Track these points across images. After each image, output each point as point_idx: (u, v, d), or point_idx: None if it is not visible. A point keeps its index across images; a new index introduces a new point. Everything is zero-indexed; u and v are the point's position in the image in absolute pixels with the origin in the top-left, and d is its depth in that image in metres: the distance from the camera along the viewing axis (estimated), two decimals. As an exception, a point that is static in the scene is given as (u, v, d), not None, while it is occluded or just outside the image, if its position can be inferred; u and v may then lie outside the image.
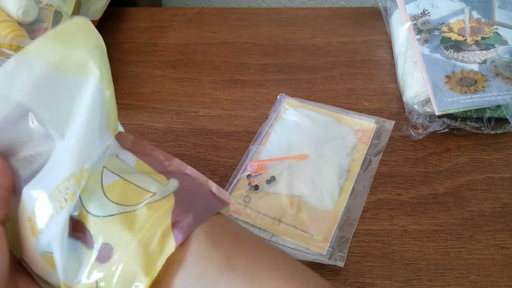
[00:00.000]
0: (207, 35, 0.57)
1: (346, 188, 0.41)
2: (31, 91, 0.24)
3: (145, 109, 0.50)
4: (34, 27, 0.46)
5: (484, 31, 0.47)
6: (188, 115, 0.49)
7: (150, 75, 0.53)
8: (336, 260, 0.37)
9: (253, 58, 0.54)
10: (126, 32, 0.58)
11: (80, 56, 0.25)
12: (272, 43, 0.56)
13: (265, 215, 0.40)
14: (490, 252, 0.38)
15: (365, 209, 0.41)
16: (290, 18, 0.59)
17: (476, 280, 0.36)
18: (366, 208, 0.41)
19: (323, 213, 0.40)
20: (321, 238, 0.38)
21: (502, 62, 0.44)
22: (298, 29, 0.57)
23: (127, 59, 0.55)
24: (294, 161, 0.42)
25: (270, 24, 0.58)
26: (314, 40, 0.48)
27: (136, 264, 0.23)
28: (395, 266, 0.38)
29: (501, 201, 0.41)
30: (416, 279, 0.37)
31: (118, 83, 0.52)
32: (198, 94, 0.51)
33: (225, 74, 0.53)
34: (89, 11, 0.55)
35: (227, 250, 0.24)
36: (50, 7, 0.47)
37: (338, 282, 0.37)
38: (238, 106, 0.50)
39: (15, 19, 0.44)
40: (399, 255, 0.38)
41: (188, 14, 0.60)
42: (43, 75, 0.25)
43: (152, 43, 0.57)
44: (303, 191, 0.41)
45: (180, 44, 0.57)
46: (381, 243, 0.39)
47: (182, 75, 0.53)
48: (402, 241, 0.39)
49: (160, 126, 0.48)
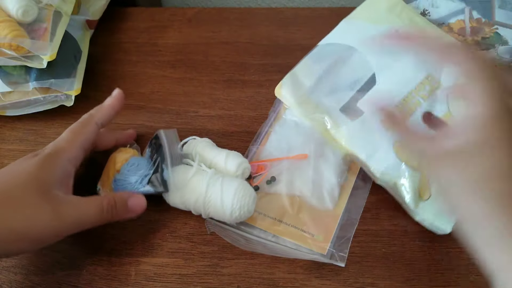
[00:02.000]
0: (207, 35, 0.57)
1: (347, 187, 0.41)
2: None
3: (145, 109, 0.50)
4: (34, 27, 0.46)
5: (484, 31, 0.47)
6: (188, 115, 0.49)
7: (150, 75, 0.53)
8: (337, 260, 0.37)
9: (253, 58, 0.54)
10: (126, 32, 0.58)
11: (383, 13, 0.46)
12: (272, 43, 0.56)
13: (265, 215, 0.40)
14: (490, 252, 0.38)
15: (365, 209, 0.41)
16: (290, 18, 0.59)
17: (476, 280, 0.36)
18: (367, 208, 0.41)
19: (323, 213, 0.40)
20: (322, 238, 0.38)
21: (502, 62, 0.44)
22: (298, 29, 0.57)
23: (127, 59, 0.55)
24: (294, 161, 0.42)
25: (270, 24, 0.58)
26: (314, 40, 0.48)
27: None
28: (396, 266, 0.38)
29: (501, 201, 0.40)
30: (416, 279, 0.37)
31: (118, 83, 0.52)
32: (198, 94, 0.51)
33: (225, 74, 0.53)
34: (89, 11, 0.55)
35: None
36: (50, 7, 0.47)
37: (338, 282, 0.37)
38: (238, 106, 0.50)
39: (15, 19, 0.44)
40: (399, 255, 0.38)
41: (188, 14, 0.60)
42: (363, 27, 0.45)
43: (152, 43, 0.57)
44: (303, 191, 0.41)
45: (180, 44, 0.56)
46: (382, 243, 0.39)
47: (182, 75, 0.53)
48: (403, 241, 0.39)
49: (160, 126, 0.48)
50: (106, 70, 0.54)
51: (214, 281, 0.37)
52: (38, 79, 0.46)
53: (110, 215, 0.35)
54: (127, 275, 0.38)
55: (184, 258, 0.39)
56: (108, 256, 0.39)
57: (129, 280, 0.38)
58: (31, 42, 0.44)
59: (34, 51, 0.44)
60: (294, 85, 0.44)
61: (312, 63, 0.45)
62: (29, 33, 0.45)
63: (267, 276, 0.38)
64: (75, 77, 0.49)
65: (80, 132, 0.38)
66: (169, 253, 0.39)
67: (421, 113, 0.40)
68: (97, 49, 0.56)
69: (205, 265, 0.38)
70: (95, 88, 0.51)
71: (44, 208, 0.32)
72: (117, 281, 0.38)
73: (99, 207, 0.35)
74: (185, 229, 0.40)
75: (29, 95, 0.47)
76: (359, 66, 0.43)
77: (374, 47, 0.42)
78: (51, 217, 0.32)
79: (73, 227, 0.34)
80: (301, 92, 0.44)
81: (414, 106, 0.40)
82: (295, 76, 0.45)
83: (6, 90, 0.46)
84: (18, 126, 0.49)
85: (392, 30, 0.30)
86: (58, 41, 0.47)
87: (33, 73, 0.46)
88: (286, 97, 0.44)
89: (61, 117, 0.49)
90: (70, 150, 0.36)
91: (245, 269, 0.38)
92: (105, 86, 0.52)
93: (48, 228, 0.32)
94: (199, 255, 0.39)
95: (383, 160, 0.39)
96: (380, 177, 0.39)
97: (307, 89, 0.44)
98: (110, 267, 0.38)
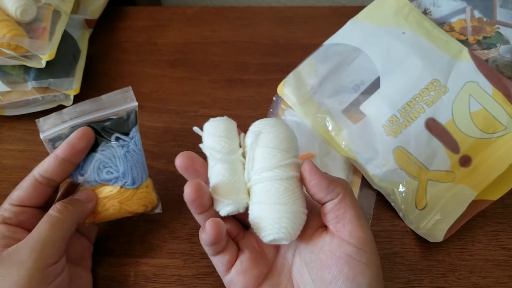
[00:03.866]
0: (207, 34, 0.57)
1: (355, 183, 0.41)
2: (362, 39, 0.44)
3: (144, 109, 0.50)
4: (33, 26, 0.45)
5: (486, 31, 0.46)
6: (187, 114, 0.49)
7: (149, 74, 0.53)
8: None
9: (253, 57, 0.54)
10: (125, 31, 0.58)
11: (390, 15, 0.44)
12: (272, 42, 0.56)
13: None
14: (492, 253, 0.38)
15: (366, 210, 0.41)
16: (290, 17, 0.58)
17: (477, 281, 0.36)
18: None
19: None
20: None
21: (504, 62, 0.44)
22: (298, 28, 0.57)
23: (126, 59, 0.55)
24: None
25: (270, 23, 0.58)
26: (315, 39, 0.48)
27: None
28: (396, 267, 0.37)
29: (502, 202, 0.40)
30: (417, 280, 0.37)
31: (117, 83, 0.52)
32: (197, 94, 0.51)
33: (224, 74, 0.52)
34: (88, 10, 0.55)
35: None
36: (49, 6, 0.47)
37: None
38: (238, 106, 0.49)
39: (14, 18, 0.44)
40: (400, 256, 0.38)
41: (187, 13, 0.60)
42: (369, 29, 0.44)
43: (151, 42, 0.57)
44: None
45: (180, 43, 0.56)
46: (382, 243, 0.39)
47: (182, 75, 0.53)
48: (403, 242, 0.39)
49: (159, 125, 0.48)
50: (105, 69, 0.54)
51: (214, 282, 0.37)
52: (37, 79, 0.46)
53: (62, 211, 0.31)
54: (126, 276, 0.38)
55: (183, 258, 0.39)
56: (107, 257, 0.39)
57: (128, 281, 0.37)
58: (30, 41, 0.44)
59: (33, 50, 0.44)
60: (297, 84, 0.44)
61: (316, 62, 0.45)
62: (28, 33, 0.45)
63: (267, 277, 0.37)
64: (74, 76, 0.49)
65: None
66: (168, 254, 0.39)
67: (425, 119, 0.40)
68: (96, 48, 0.56)
69: (204, 266, 0.38)
70: (94, 88, 0.51)
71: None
72: (117, 282, 0.37)
73: (45, 216, 0.31)
74: (185, 230, 0.40)
75: (28, 94, 0.46)
76: (364, 68, 0.43)
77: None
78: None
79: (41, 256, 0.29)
80: (303, 92, 0.43)
81: (417, 112, 0.40)
82: (298, 75, 0.45)
83: (4, 89, 0.46)
84: (17, 126, 0.49)
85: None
86: (57, 40, 0.46)
87: (32, 73, 0.46)
88: (288, 95, 0.44)
89: (60, 117, 0.49)
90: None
91: (245, 270, 0.38)
92: (104, 85, 0.52)
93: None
94: (199, 255, 0.39)
95: (382, 166, 0.39)
96: (378, 182, 0.39)
97: (310, 88, 0.44)
98: (109, 268, 0.38)
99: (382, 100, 0.41)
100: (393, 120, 0.40)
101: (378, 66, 0.42)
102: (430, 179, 0.39)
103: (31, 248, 0.29)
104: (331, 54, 0.44)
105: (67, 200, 0.33)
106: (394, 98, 0.41)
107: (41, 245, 0.29)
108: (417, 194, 0.38)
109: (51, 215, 0.31)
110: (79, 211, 0.33)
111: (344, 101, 0.42)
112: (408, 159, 0.39)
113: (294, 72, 0.45)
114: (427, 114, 0.40)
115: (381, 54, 0.42)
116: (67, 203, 0.32)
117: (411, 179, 0.39)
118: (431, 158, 0.39)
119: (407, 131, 0.40)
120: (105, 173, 0.34)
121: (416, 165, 0.39)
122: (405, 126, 0.40)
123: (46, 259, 0.29)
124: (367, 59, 0.43)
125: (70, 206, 0.32)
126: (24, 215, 0.32)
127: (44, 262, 0.29)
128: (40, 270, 0.29)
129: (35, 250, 0.29)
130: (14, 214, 0.32)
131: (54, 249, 0.30)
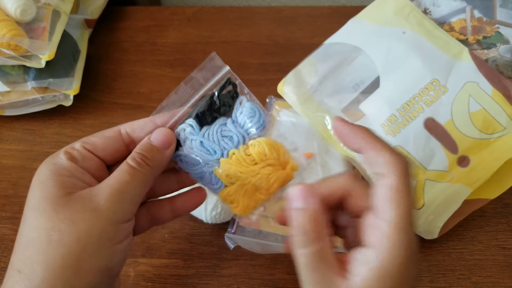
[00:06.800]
0: (207, 34, 0.57)
1: None
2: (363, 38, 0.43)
3: (144, 109, 0.49)
4: (33, 26, 0.45)
5: (486, 30, 0.46)
6: (187, 114, 0.49)
7: (149, 74, 0.53)
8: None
9: (253, 57, 0.54)
10: (125, 31, 0.58)
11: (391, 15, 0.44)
12: (272, 42, 0.56)
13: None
14: (492, 253, 0.38)
15: (366, 210, 0.41)
16: (290, 17, 0.58)
17: (477, 281, 0.36)
18: (367, 209, 0.41)
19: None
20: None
21: (504, 62, 0.44)
22: (298, 28, 0.57)
23: (126, 59, 0.55)
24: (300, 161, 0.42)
25: (270, 23, 0.58)
26: (315, 39, 0.48)
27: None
28: (396, 267, 0.37)
29: (502, 202, 0.40)
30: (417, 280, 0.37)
31: (117, 83, 0.52)
32: (197, 94, 0.51)
33: (224, 74, 0.52)
34: (88, 10, 0.54)
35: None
36: (49, 6, 0.47)
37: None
38: (238, 106, 0.49)
39: (13, 18, 0.44)
40: (400, 256, 0.38)
41: (187, 13, 0.60)
42: (369, 29, 0.44)
43: (151, 42, 0.56)
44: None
45: (179, 43, 0.56)
46: (382, 244, 0.39)
47: (181, 75, 0.53)
48: (403, 242, 0.39)
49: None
50: (105, 69, 0.54)
51: (214, 282, 0.37)
52: (36, 79, 0.46)
53: (143, 165, 0.27)
54: (126, 276, 0.38)
55: (183, 259, 0.39)
56: (107, 257, 0.39)
57: (128, 281, 0.37)
58: (30, 41, 0.44)
59: (32, 50, 0.44)
60: (297, 82, 0.44)
61: (316, 61, 0.45)
62: (27, 33, 0.45)
63: (267, 277, 0.37)
64: (73, 76, 0.49)
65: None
66: (168, 254, 0.39)
67: (424, 119, 0.40)
68: (96, 48, 0.55)
69: (204, 266, 0.38)
70: (93, 88, 0.51)
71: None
72: (116, 282, 0.37)
73: (125, 165, 0.27)
74: (185, 230, 0.40)
75: (27, 94, 0.46)
76: (364, 67, 0.43)
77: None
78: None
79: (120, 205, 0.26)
80: (303, 90, 0.43)
81: (416, 111, 0.40)
82: (298, 74, 0.45)
83: (4, 90, 0.46)
84: (17, 126, 0.49)
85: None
86: (57, 40, 0.46)
87: (31, 73, 0.46)
88: (288, 94, 0.44)
89: (60, 117, 0.49)
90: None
91: (245, 270, 0.38)
92: (104, 85, 0.52)
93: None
94: (199, 256, 0.39)
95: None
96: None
97: (310, 87, 0.44)
98: (109, 268, 0.38)
99: (381, 100, 0.41)
100: (392, 119, 0.40)
101: (378, 66, 0.42)
102: (428, 178, 0.39)
103: (109, 197, 0.25)
104: (332, 53, 0.44)
105: (145, 150, 0.28)
106: (393, 97, 0.41)
107: (121, 197, 0.25)
108: (415, 194, 0.38)
109: (132, 167, 0.26)
110: (157, 165, 0.28)
111: (343, 100, 0.42)
112: None
113: (294, 71, 0.45)
114: (426, 114, 0.40)
115: (381, 54, 0.42)
116: (145, 156, 0.27)
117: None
118: (430, 158, 0.39)
119: (406, 131, 0.39)
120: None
121: (414, 165, 0.39)
122: (404, 125, 0.39)
123: (122, 213, 0.25)
124: (367, 59, 0.43)
125: (149, 161, 0.27)
126: (90, 163, 0.27)
127: (120, 216, 0.25)
128: (114, 224, 0.25)
129: (113, 201, 0.25)
130: (82, 157, 0.27)
131: (131, 205, 0.26)
